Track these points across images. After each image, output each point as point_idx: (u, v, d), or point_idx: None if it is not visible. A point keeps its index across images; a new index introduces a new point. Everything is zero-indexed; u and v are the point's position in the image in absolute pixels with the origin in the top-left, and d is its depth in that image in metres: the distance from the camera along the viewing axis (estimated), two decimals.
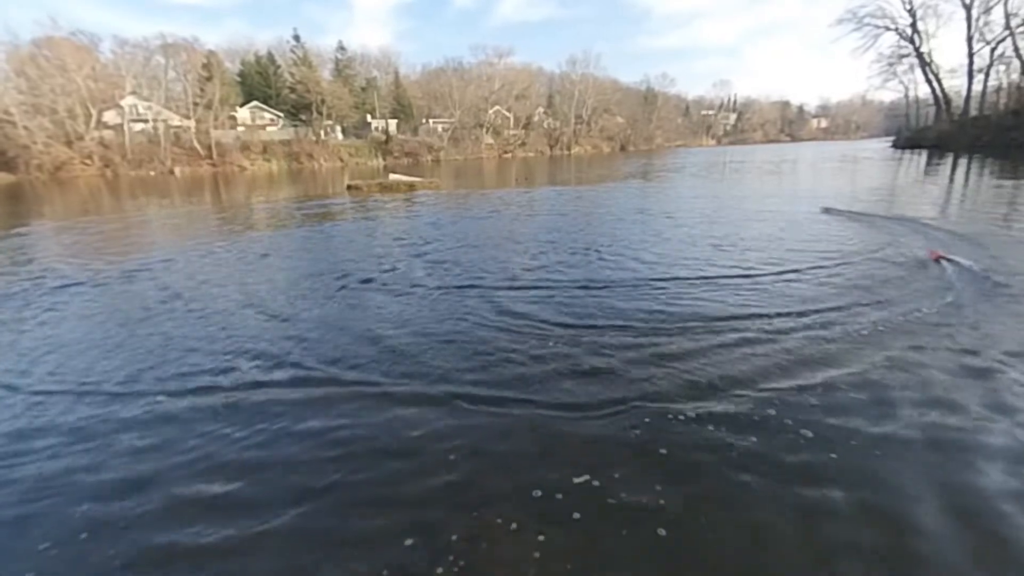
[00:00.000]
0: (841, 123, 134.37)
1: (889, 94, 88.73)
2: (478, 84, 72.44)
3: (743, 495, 2.77)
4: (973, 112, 43.61)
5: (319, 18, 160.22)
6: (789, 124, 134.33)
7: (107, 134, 48.56)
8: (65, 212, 19.00)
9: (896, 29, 48.62)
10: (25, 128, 42.72)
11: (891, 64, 51.87)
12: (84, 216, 17.22)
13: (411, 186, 22.91)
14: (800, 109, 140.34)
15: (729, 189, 19.35)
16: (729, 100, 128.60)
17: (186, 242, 11.41)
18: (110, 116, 49.70)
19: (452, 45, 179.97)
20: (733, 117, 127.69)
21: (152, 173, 46.66)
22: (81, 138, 45.97)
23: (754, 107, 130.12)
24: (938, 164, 27.25)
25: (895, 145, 51.09)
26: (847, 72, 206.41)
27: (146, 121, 51.42)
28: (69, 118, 45.42)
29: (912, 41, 47.66)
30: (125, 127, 48.80)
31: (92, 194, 27.47)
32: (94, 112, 47.01)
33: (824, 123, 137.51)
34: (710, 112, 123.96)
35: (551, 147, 78.56)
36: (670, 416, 3.53)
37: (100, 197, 25.62)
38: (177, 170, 48.00)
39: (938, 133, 43.80)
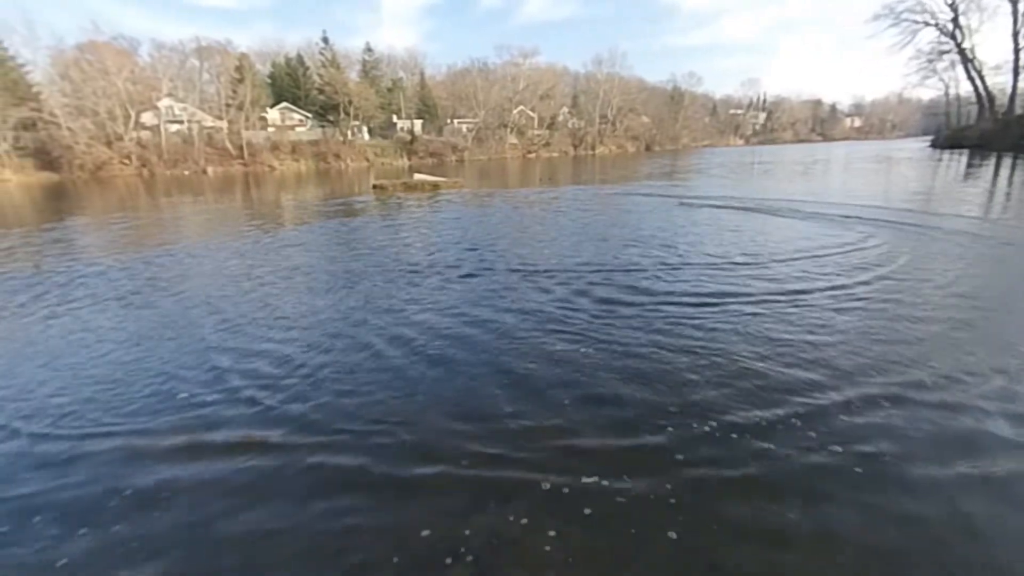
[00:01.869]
0: (876, 122, 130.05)
1: (927, 92, 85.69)
2: (503, 84, 72.46)
3: (763, 505, 2.72)
4: (1019, 110, 41.67)
5: (347, 20, 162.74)
6: (821, 123, 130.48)
7: (144, 135, 50.28)
8: (104, 209, 19.74)
9: (936, 24, 46.84)
10: (69, 129, 44.58)
11: (930, 61, 50.00)
12: (120, 213, 17.89)
13: (435, 186, 23.10)
14: (832, 108, 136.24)
15: (754, 191, 18.95)
16: (758, 99, 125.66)
17: (214, 238, 11.75)
18: (147, 117, 51.41)
19: (477, 45, 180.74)
20: (762, 116, 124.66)
21: (186, 173, 48.13)
22: (120, 139, 47.68)
23: (784, 106, 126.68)
24: (980, 165, 26.16)
25: (934, 145, 49.19)
26: (883, 69, 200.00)
27: (181, 122, 53.09)
28: (109, 119, 47.15)
29: (953, 37, 45.84)
30: (161, 128, 50.45)
31: (130, 193, 28.50)
32: (132, 113, 48.68)
33: (858, 122, 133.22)
34: (738, 111, 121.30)
35: (575, 147, 78.14)
36: (692, 424, 3.50)
37: (137, 195, 26.57)
38: (210, 170, 49.43)
39: (980, 132, 41.98)
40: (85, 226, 14.90)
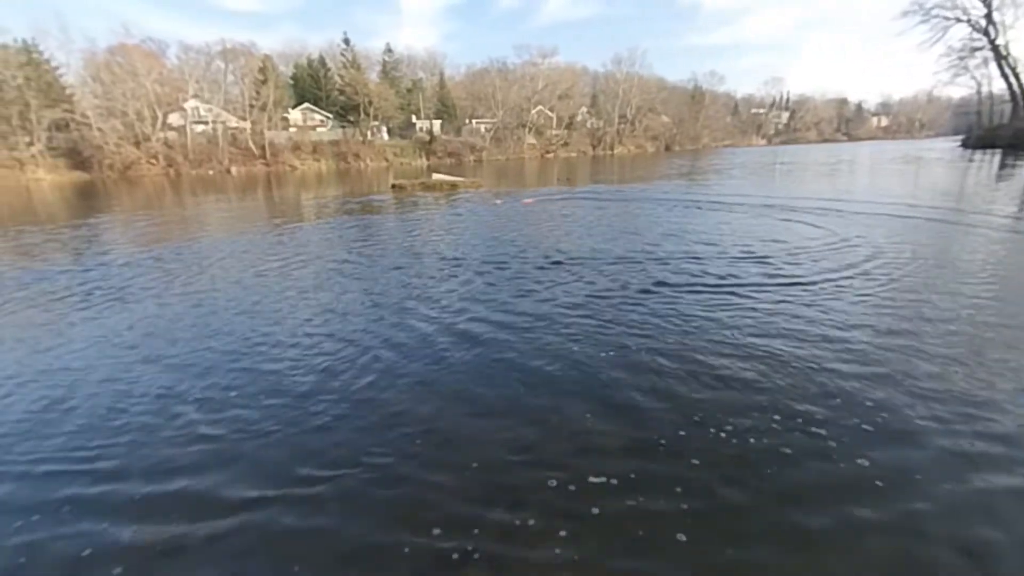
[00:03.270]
0: (904, 121, 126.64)
1: (959, 90, 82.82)
2: (521, 84, 72.41)
3: (776, 511, 2.68)
4: None
5: (368, 21, 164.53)
6: (846, 123, 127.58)
7: (171, 135, 51.56)
8: (133, 207, 20.25)
9: (968, 20, 45.42)
10: (99, 130, 46.00)
11: (962, 58, 48.45)
12: (149, 210, 18.35)
13: (453, 185, 23.25)
14: (858, 107, 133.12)
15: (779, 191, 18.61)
16: (781, 98, 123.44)
17: (238, 234, 11.97)
18: (174, 118, 52.69)
19: (497, 45, 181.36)
20: (785, 116, 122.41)
21: (211, 172, 49.21)
22: (148, 139, 48.98)
23: (808, 105, 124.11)
24: (1015, 164, 25.29)
25: (964, 144, 47.68)
26: (912, 67, 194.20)
27: (206, 123, 54.29)
28: (138, 120, 48.47)
29: (987, 33, 44.42)
30: (187, 128, 51.65)
31: (157, 192, 29.24)
32: (160, 114, 49.97)
33: (885, 121, 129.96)
34: (760, 111, 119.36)
35: (594, 147, 77.80)
36: (709, 427, 3.46)
37: (165, 194, 27.25)
38: (233, 169, 50.47)
39: (1015, 131, 40.53)
40: (115, 223, 15.32)
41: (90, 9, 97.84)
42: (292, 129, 60.04)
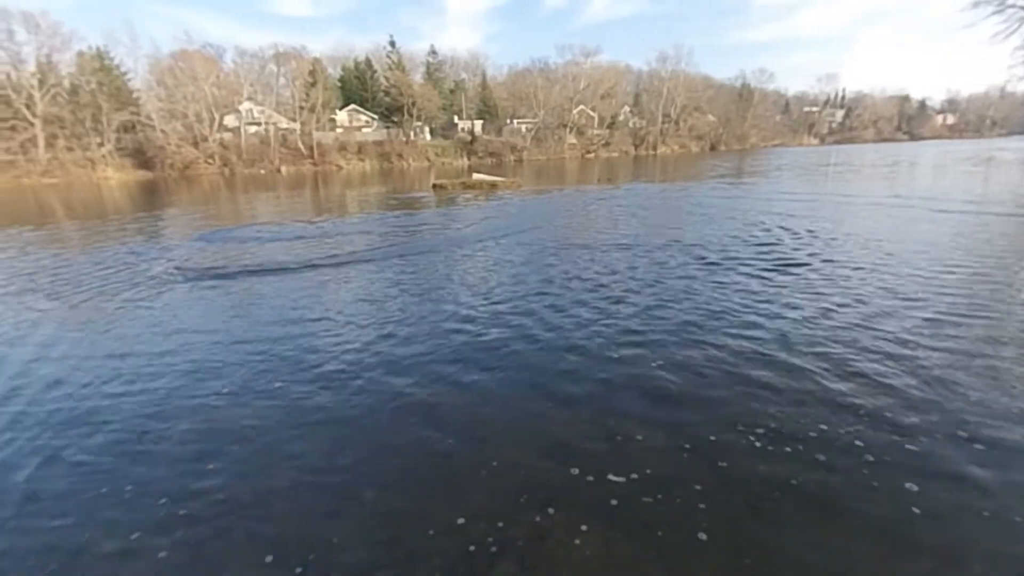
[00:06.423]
0: (972, 119, 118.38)
1: None
2: (563, 84, 72.12)
3: (796, 517, 2.63)
4: None
5: (414, 24, 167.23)
6: (908, 121, 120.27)
7: (226, 136, 54.18)
8: (192, 202, 21.40)
9: None
10: (162, 131, 48.93)
11: None
12: (207, 205, 19.35)
13: (493, 185, 23.42)
14: (922, 104, 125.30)
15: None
16: (836, 95, 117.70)
17: (292, 227, 12.45)
18: (229, 120, 55.35)
19: (540, 45, 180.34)
20: (840, 114, 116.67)
21: (262, 171, 51.40)
22: (205, 140, 51.70)
23: (865, 102, 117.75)
24: None
25: None
26: (982, 61, 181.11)
27: (259, 124, 56.74)
28: (196, 122, 51.25)
29: None
30: (241, 130, 54.17)
31: (213, 189, 30.79)
32: (217, 116, 52.61)
33: (951, 119, 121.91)
34: (813, 109, 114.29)
35: (636, 147, 76.59)
36: (746, 432, 3.40)
37: (220, 191, 28.66)
38: (283, 169, 52.53)
39: None
40: (182, 216, 16.23)
41: (156, 16, 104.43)
42: (339, 130, 61.92)
